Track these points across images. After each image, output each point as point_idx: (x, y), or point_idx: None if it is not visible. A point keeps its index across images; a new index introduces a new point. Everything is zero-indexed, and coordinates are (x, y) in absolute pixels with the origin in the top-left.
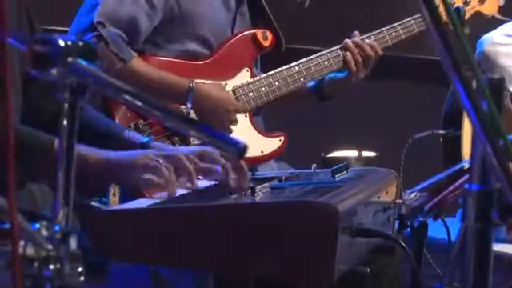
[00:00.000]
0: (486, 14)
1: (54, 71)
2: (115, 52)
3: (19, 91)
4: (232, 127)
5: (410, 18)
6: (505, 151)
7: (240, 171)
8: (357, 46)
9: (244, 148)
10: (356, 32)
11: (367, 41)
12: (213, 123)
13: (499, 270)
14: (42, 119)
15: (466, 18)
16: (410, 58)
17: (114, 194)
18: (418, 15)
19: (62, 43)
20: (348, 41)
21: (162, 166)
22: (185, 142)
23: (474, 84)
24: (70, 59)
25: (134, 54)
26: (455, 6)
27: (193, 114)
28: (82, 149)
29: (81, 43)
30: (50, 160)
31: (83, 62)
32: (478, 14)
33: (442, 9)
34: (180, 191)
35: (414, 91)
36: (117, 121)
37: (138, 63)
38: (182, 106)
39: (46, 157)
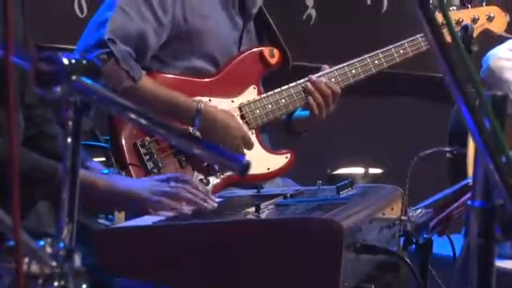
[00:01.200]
0: (494, 32)
1: (57, 89)
2: (126, 70)
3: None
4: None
5: (417, 36)
6: (507, 168)
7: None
8: (314, 85)
9: (247, 165)
10: (325, 66)
11: (323, 79)
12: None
13: (503, 285)
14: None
15: (475, 35)
16: (416, 76)
17: (119, 211)
18: None
19: (65, 61)
20: (308, 84)
21: (167, 199)
22: (192, 160)
23: (477, 101)
24: (73, 77)
25: (143, 72)
26: (463, 23)
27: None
28: (91, 175)
29: (85, 61)
30: (52, 186)
31: (87, 80)
32: (486, 32)
33: (446, 28)
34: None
35: (420, 108)
36: (123, 138)
37: (146, 82)
38: (190, 128)
39: (48, 182)
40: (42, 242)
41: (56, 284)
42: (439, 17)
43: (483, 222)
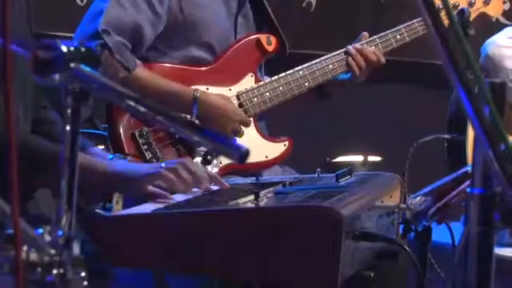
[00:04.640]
0: (490, 16)
1: (56, 77)
2: (120, 60)
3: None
4: (237, 139)
5: (414, 21)
6: (506, 155)
7: (216, 181)
8: (358, 51)
9: (246, 153)
10: (365, 33)
11: (369, 48)
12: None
13: (502, 273)
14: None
15: (471, 19)
16: (414, 63)
17: (117, 202)
18: None
19: (64, 49)
20: (350, 47)
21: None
22: (190, 149)
23: (476, 88)
24: (72, 65)
25: (138, 62)
26: (460, 7)
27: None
28: (89, 159)
29: (83, 49)
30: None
31: (86, 68)
32: (483, 19)
33: (444, 12)
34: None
35: (419, 96)
36: (121, 128)
37: (141, 72)
38: (188, 116)
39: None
40: (40, 230)
41: (55, 272)
42: (437, 1)
43: (483, 210)
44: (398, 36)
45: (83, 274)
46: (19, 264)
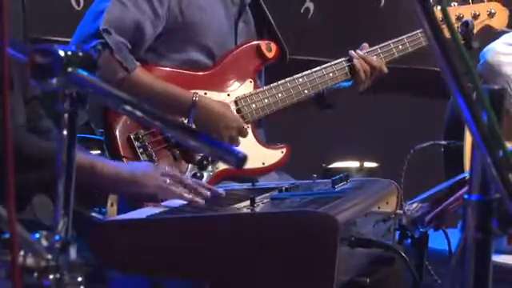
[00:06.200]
0: (495, 28)
1: (53, 81)
2: (119, 60)
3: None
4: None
5: (417, 31)
6: (504, 162)
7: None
8: (361, 56)
9: (243, 158)
10: (365, 44)
11: (374, 57)
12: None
13: (500, 280)
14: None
15: (475, 31)
16: (411, 69)
17: (111, 205)
18: None
19: (61, 53)
20: (352, 52)
21: (171, 183)
22: (186, 153)
23: (474, 95)
24: (69, 69)
25: (138, 63)
26: (464, 19)
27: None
28: (92, 158)
29: (81, 53)
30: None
31: (83, 73)
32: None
33: (445, 24)
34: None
35: (415, 102)
36: (117, 131)
37: (140, 73)
38: (184, 119)
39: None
40: (37, 235)
41: (51, 277)
42: (438, 12)
43: (480, 216)
44: (400, 46)
45: (80, 279)
46: (16, 269)
